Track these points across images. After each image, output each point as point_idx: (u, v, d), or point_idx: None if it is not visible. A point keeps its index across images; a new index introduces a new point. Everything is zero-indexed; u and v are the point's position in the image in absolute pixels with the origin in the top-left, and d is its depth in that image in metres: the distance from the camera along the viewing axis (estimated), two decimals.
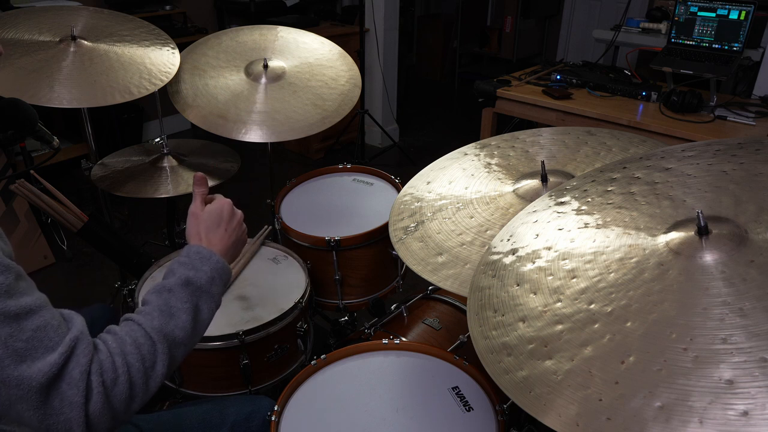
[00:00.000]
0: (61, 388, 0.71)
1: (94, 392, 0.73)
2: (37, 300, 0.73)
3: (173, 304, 0.86)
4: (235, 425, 1.14)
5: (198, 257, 0.92)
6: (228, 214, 1.01)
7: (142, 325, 0.82)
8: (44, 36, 1.62)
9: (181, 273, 0.89)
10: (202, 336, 0.91)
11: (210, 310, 0.91)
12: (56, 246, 2.80)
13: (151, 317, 0.84)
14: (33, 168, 1.40)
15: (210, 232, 0.98)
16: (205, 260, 0.92)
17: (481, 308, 0.85)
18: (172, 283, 0.88)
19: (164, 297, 0.86)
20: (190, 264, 0.91)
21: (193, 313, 0.87)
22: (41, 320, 0.72)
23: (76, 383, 0.72)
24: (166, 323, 0.84)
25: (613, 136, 1.29)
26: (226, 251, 0.98)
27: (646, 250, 0.80)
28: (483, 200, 1.19)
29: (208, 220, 0.99)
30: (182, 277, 0.89)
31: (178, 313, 0.85)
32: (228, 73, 1.72)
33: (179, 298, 0.87)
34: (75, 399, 0.71)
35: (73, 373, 0.72)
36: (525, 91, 2.56)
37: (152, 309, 0.85)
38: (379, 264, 1.64)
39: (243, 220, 1.04)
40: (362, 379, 1.18)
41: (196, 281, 0.89)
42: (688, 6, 2.45)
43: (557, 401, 0.66)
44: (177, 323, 0.85)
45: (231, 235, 1.00)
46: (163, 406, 1.43)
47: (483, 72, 5.86)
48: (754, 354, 0.60)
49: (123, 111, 3.60)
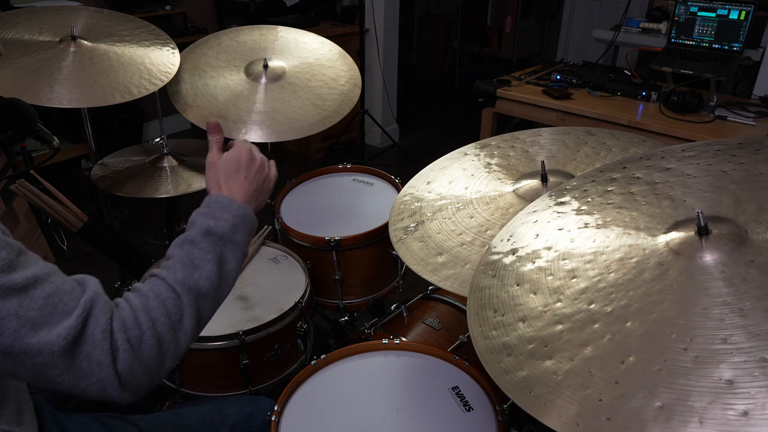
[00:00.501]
0: (86, 349, 0.71)
1: (120, 350, 0.73)
2: (43, 269, 0.72)
3: (195, 255, 0.84)
4: (235, 425, 1.14)
5: (218, 206, 0.89)
6: (246, 160, 0.97)
7: (165, 279, 0.81)
8: (44, 36, 1.62)
9: (201, 223, 0.87)
10: (230, 287, 0.89)
11: (236, 259, 0.88)
12: (56, 246, 2.80)
13: (174, 270, 0.82)
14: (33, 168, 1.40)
15: (230, 179, 0.95)
16: (225, 208, 0.89)
17: (481, 308, 0.85)
18: (193, 234, 0.86)
19: (186, 249, 0.84)
20: (210, 213, 0.88)
21: (217, 263, 0.85)
22: (51, 287, 0.71)
23: (100, 343, 0.71)
24: (189, 275, 0.82)
25: (613, 136, 1.29)
26: (248, 198, 0.94)
27: (646, 250, 0.80)
28: (483, 200, 1.19)
29: (226, 167, 0.95)
30: (203, 227, 0.86)
31: (201, 264, 0.83)
32: (228, 73, 1.72)
33: (201, 249, 0.84)
34: (102, 358, 0.71)
35: (94, 334, 0.71)
36: (525, 91, 2.56)
37: (175, 262, 0.83)
38: (379, 264, 1.64)
39: (265, 164, 1.00)
40: (362, 379, 1.18)
41: (217, 230, 0.86)
42: (688, 6, 2.45)
43: (557, 401, 0.66)
44: (201, 274, 0.82)
45: (252, 181, 0.96)
46: (163, 406, 1.43)
47: (483, 72, 5.86)
48: (754, 354, 0.60)
49: (123, 111, 3.60)
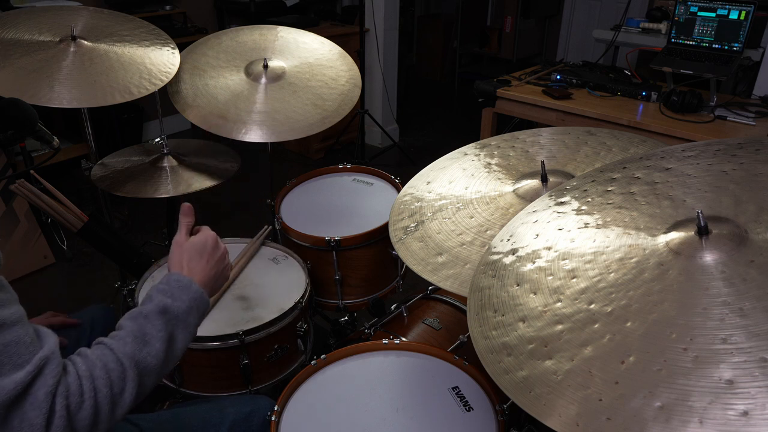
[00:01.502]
0: (24, 408, 0.70)
1: (57, 416, 0.72)
2: (13, 315, 0.72)
3: (148, 331, 0.85)
4: (234, 425, 1.14)
5: (177, 285, 0.91)
6: (211, 247, 1.00)
7: (114, 350, 0.81)
8: (44, 36, 1.62)
9: (158, 300, 0.89)
10: (174, 365, 0.90)
11: (184, 340, 0.90)
12: (56, 246, 2.80)
13: (124, 343, 0.83)
14: (33, 168, 1.40)
15: (192, 261, 0.97)
16: (184, 289, 0.91)
17: (481, 308, 0.85)
18: (149, 310, 0.87)
19: (139, 323, 0.86)
20: (169, 292, 0.90)
21: (167, 342, 0.86)
22: (13, 336, 0.71)
23: (39, 405, 0.70)
24: (138, 350, 0.83)
25: (613, 136, 1.29)
26: (206, 283, 0.97)
27: (646, 250, 0.80)
28: (483, 200, 1.19)
29: (192, 250, 0.98)
30: (159, 304, 0.88)
31: (152, 341, 0.85)
32: (228, 73, 1.72)
33: (155, 326, 0.86)
34: (36, 421, 0.70)
35: (37, 394, 0.70)
36: (525, 91, 2.56)
37: (126, 334, 0.84)
38: (379, 264, 1.64)
39: (227, 254, 1.04)
40: (362, 379, 1.18)
41: (173, 310, 0.88)
42: (688, 6, 2.45)
43: (557, 401, 0.66)
44: (150, 351, 0.84)
45: (213, 267, 0.99)
46: (163, 406, 1.43)
47: (483, 72, 5.86)
48: (754, 354, 0.60)
49: (123, 111, 3.60)
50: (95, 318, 1.37)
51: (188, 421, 1.13)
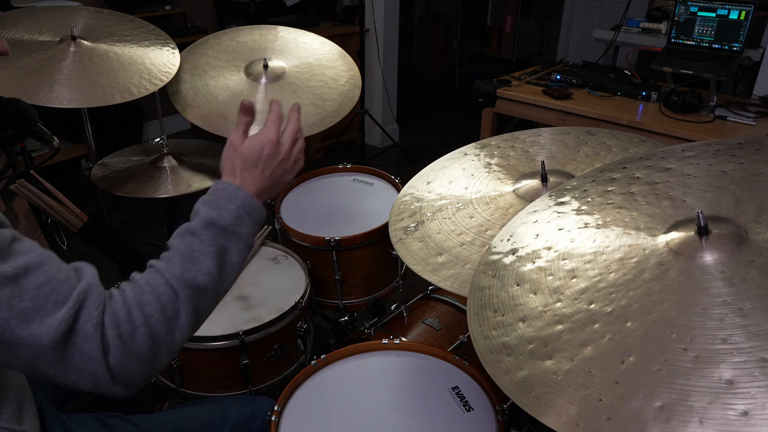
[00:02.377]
0: (78, 343, 0.69)
1: (111, 345, 0.71)
2: (38, 257, 0.71)
3: (195, 247, 0.80)
4: (235, 425, 1.14)
5: (223, 195, 0.85)
6: (268, 153, 0.91)
7: (163, 272, 0.78)
8: (44, 36, 1.62)
9: (204, 213, 0.83)
10: (233, 281, 0.86)
11: (239, 252, 0.84)
12: (56, 246, 2.79)
13: (172, 263, 0.79)
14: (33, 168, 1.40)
15: (245, 170, 0.90)
16: (230, 198, 0.85)
17: (481, 308, 0.85)
18: (195, 225, 0.82)
19: (186, 240, 0.81)
20: (215, 203, 0.84)
21: (218, 257, 0.81)
22: (44, 276, 0.70)
23: (91, 337, 0.70)
24: (187, 269, 0.79)
25: (613, 136, 1.29)
26: (259, 192, 0.90)
27: (646, 250, 0.80)
28: (483, 200, 1.19)
29: (246, 155, 0.91)
30: (205, 217, 0.83)
31: (200, 258, 0.80)
32: (228, 73, 1.72)
33: (202, 241, 0.81)
34: (93, 353, 0.70)
35: (86, 327, 0.70)
36: (525, 91, 2.56)
37: (173, 254, 0.80)
38: (379, 264, 1.64)
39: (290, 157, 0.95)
40: (362, 379, 1.18)
41: (220, 222, 0.82)
42: (688, 6, 2.45)
43: (557, 401, 0.66)
44: (200, 269, 0.79)
45: (268, 177, 0.91)
46: (164, 406, 1.43)
47: (483, 72, 5.86)
48: (754, 354, 0.60)
49: (123, 111, 3.60)
50: None
51: (189, 422, 1.13)
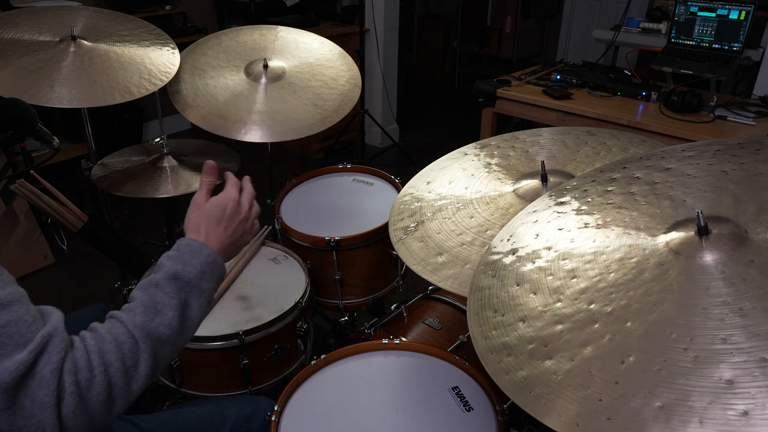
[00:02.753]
0: (31, 387, 0.67)
1: (67, 392, 0.68)
2: (8, 295, 0.70)
3: (159, 299, 0.81)
4: (235, 426, 1.14)
5: (188, 250, 0.87)
6: (231, 212, 0.95)
7: (125, 322, 0.78)
8: (44, 36, 1.62)
9: (168, 267, 0.84)
10: (192, 335, 0.86)
11: (200, 307, 0.85)
12: (56, 246, 2.80)
13: (134, 314, 0.79)
14: (33, 168, 1.40)
15: (209, 228, 0.93)
16: (195, 253, 0.87)
17: (481, 308, 0.85)
18: (159, 278, 0.83)
19: (150, 292, 0.82)
20: (179, 257, 0.86)
21: (180, 309, 0.82)
22: (12, 315, 0.68)
23: (47, 383, 0.67)
24: (150, 320, 0.79)
25: (613, 136, 1.29)
26: (222, 248, 0.93)
27: (646, 250, 0.80)
28: (483, 200, 1.19)
29: (210, 214, 0.94)
30: (169, 271, 0.84)
31: (164, 309, 0.80)
32: (228, 73, 1.72)
33: (166, 294, 0.82)
34: (45, 399, 0.67)
35: (43, 372, 0.67)
36: (525, 91, 2.56)
37: (136, 305, 0.80)
38: (379, 264, 1.64)
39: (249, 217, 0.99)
40: (362, 379, 1.18)
41: (184, 276, 0.84)
42: (688, 6, 2.45)
43: (557, 401, 0.66)
44: (162, 320, 0.80)
45: (230, 235, 0.95)
46: (164, 406, 1.43)
47: (483, 72, 5.86)
48: (754, 354, 0.60)
49: (123, 111, 3.60)
50: (95, 318, 1.37)
51: (189, 422, 1.13)
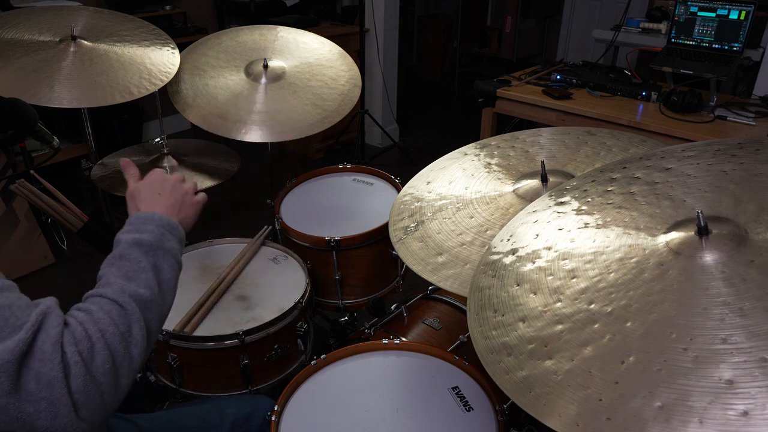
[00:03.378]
0: (35, 366, 0.64)
1: (72, 363, 0.66)
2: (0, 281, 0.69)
3: (128, 267, 0.81)
4: (235, 425, 1.14)
5: (139, 221, 0.88)
6: (159, 180, 0.98)
7: (103, 294, 0.78)
8: (44, 36, 1.62)
9: (126, 238, 0.85)
10: (172, 297, 0.86)
11: (171, 267, 0.86)
12: (56, 246, 2.80)
13: (110, 284, 0.79)
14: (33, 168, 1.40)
15: (145, 200, 0.95)
16: (147, 220, 0.88)
17: (481, 308, 0.85)
18: (121, 249, 0.83)
19: (117, 264, 0.82)
20: (134, 228, 0.87)
21: (153, 271, 0.82)
22: (5, 300, 0.67)
23: (50, 357, 0.65)
24: (127, 285, 0.79)
25: (613, 136, 1.29)
26: (168, 211, 0.94)
27: (646, 250, 0.80)
28: (483, 200, 1.19)
29: (140, 191, 0.96)
30: (129, 239, 0.84)
31: (137, 273, 0.81)
32: (228, 73, 1.72)
33: (133, 260, 0.82)
34: (52, 374, 0.65)
35: (44, 348, 0.66)
36: (525, 91, 2.56)
37: (108, 278, 0.80)
38: (379, 264, 1.64)
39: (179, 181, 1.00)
40: (362, 379, 1.18)
41: (145, 240, 0.84)
42: (688, 6, 2.45)
43: (557, 401, 0.66)
44: (139, 283, 0.80)
45: (169, 196, 0.96)
46: (163, 406, 1.43)
47: (483, 72, 5.86)
48: (754, 354, 0.60)
49: (123, 111, 3.60)
50: None
51: (188, 421, 1.13)
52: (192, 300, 1.36)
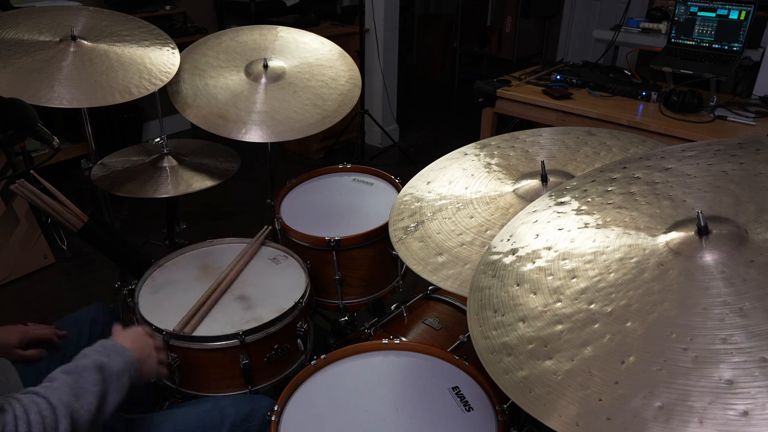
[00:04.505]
0: None
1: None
2: None
3: (82, 384, 0.87)
4: (234, 424, 1.14)
5: (113, 349, 0.96)
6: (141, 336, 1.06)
7: (48, 398, 0.83)
8: (44, 36, 1.62)
9: (94, 358, 0.92)
10: (99, 427, 0.92)
11: (114, 402, 0.92)
12: (56, 246, 2.80)
13: (59, 392, 0.85)
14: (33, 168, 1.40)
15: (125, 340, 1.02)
16: (119, 353, 0.96)
17: (481, 308, 0.85)
18: (85, 365, 0.90)
19: (74, 377, 0.88)
20: (105, 352, 0.94)
21: (100, 398, 0.89)
22: None
23: None
24: (72, 401, 0.85)
25: (613, 136, 1.29)
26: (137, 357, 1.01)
27: (646, 250, 0.80)
28: (483, 200, 1.19)
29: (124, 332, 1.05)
30: (96, 361, 0.91)
31: (86, 395, 0.87)
32: (228, 73, 1.72)
33: (89, 381, 0.88)
34: None
35: None
36: (525, 91, 2.56)
37: (61, 385, 0.86)
38: (379, 264, 1.64)
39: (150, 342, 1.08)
40: (362, 379, 1.18)
41: (109, 368, 0.92)
42: (688, 6, 2.45)
43: (557, 401, 0.66)
44: (83, 404, 0.86)
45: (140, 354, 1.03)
46: (163, 406, 1.43)
47: (483, 72, 5.86)
48: (754, 354, 0.60)
49: (123, 111, 3.60)
50: (95, 318, 1.37)
51: (188, 421, 1.13)
52: (192, 300, 1.36)
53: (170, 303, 1.37)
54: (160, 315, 1.32)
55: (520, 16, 5.44)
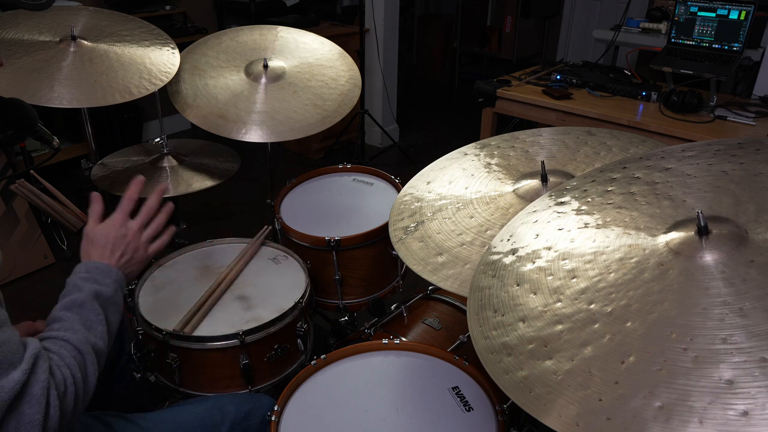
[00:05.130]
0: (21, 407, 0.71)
1: (52, 407, 0.75)
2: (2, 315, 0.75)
3: (89, 317, 0.91)
4: (234, 423, 1.14)
5: (98, 272, 0.98)
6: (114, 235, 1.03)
7: (69, 340, 0.86)
8: (44, 36, 1.62)
9: (88, 288, 0.94)
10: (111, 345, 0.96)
11: (116, 321, 0.97)
12: (56, 246, 2.80)
13: (75, 331, 0.88)
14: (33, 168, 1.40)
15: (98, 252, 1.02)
16: (106, 274, 0.98)
17: (481, 308, 0.85)
18: (83, 298, 0.92)
19: (78, 312, 0.91)
20: (93, 279, 0.96)
21: (106, 324, 0.94)
22: (4, 336, 0.73)
23: (38, 400, 0.73)
24: (88, 336, 0.89)
25: (613, 136, 1.29)
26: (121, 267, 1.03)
27: (646, 250, 0.80)
28: (483, 200, 1.19)
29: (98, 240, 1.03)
30: (91, 291, 0.94)
31: (94, 325, 0.91)
32: (228, 73, 1.72)
33: (93, 311, 0.92)
34: (34, 417, 0.72)
35: (33, 390, 0.73)
36: (525, 91, 2.56)
37: (72, 324, 0.89)
38: (379, 264, 1.64)
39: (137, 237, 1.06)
40: (362, 379, 1.18)
41: (104, 293, 0.95)
42: (688, 6, 2.45)
43: (557, 401, 0.66)
44: (96, 334, 0.90)
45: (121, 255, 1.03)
46: (163, 405, 1.43)
47: (483, 72, 5.86)
48: (754, 354, 0.60)
49: (123, 111, 3.60)
50: None
51: (188, 420, 1.13)
52: (192, 300, 1.36)
53: (170, 303, 1.37)
54: (160, 315, 1.32)
55: (520, 16, 5.44)
